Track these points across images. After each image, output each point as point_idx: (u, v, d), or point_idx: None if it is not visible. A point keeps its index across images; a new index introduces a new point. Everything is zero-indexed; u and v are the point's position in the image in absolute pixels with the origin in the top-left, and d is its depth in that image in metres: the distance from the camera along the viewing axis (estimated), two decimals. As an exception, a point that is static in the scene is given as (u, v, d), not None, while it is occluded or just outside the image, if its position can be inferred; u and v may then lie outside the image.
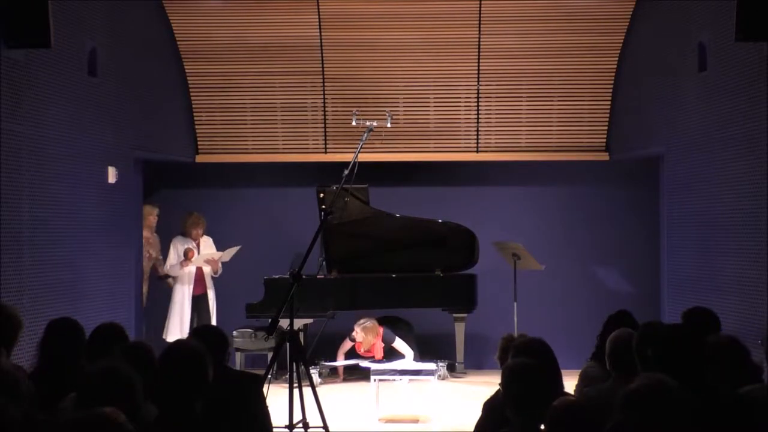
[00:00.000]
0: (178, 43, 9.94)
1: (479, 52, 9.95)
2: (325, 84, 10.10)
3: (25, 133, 7.05)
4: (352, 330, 9.44)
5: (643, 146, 9.66)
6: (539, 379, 3.84)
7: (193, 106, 10.24)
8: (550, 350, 4.40)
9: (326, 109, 10.18)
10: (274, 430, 4.56)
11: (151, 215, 9.57)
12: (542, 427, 3.56)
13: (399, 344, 9.45)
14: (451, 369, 9.67)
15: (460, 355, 9.66)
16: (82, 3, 7.97)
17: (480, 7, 9.71)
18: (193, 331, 4.73)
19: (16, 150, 6.92)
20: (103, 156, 8.46)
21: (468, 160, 10.34)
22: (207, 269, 9.52)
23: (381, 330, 9.40)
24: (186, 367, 3.70)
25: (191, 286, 9.45)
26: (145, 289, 9.42)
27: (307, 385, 6.16)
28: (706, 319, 5.07)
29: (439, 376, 8.79)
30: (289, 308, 6.18)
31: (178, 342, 4.02)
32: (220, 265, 9.57)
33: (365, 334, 9.33)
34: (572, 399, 3.53)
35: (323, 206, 9.03)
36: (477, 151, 10.32)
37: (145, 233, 9.46)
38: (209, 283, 9.58)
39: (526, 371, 3.85)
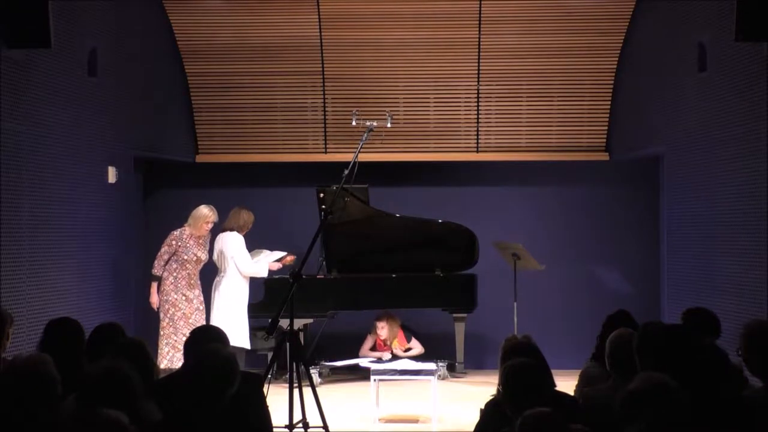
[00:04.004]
0: (178, 43, 9.94)
1: (479, 52, 9.95)
2: (325, 84, 10.10)
3: (25, 133, 7.06)
4: (371, 329, 9.71)
5: (643, 146, 9.66)
6: (538, 378, 3.86)
7: (193, 106, 10.24)
8: (538, 350, 4.44)
9: (326, 109, 10.18)
10: (274, 430, 4.56)
11: (209, 222, 8.75)
12: None
13: (412, 341, 9.78)
14: (451, 369, 9.66)
15: (460, 355, 9.66)
16: (82, 3, 7.97)
17: (480, 7, 9.71)
18: (193, 332, 4.72)
19: (16, 150, 6.92)
20: (103, 156, 8.47)
21: (468, 160, 10.34)
22: None
23: (399, 320, 9.73)
24: (220, 376, 3.75)
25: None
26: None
27: (307, 385, 6.17)
28: (705, 319, 5.08)
29: (439, 376, 8.79)
30: (289, 308, 6.20)
31: (214, 347, 4.04)
32: None
33: (390, 326, 9.61)
34: (543, 409, 3.48)
35: (323, 206, 9.02)
36: (477, 151, 10.32)
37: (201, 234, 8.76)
38: None
39: (524, 370, 3.87)
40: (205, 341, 4.45)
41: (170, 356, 8.32)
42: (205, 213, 8.71)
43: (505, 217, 10.36)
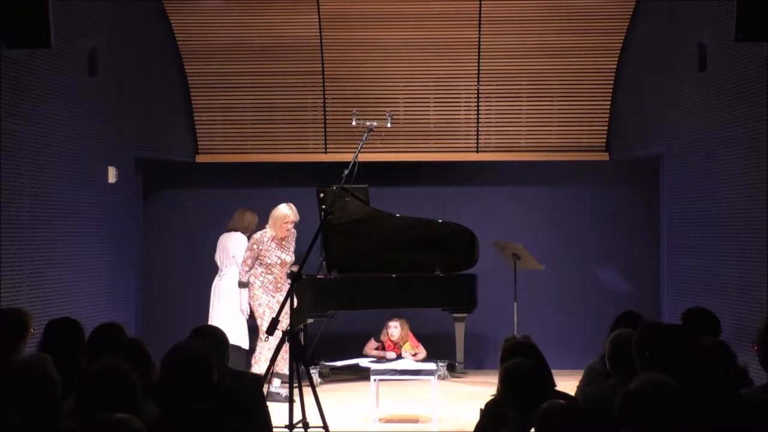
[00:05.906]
0: (178, 43, 9.94)
1: (479, 52, 9.95)
2: (325, 84, 10.09)
3: (25, 133, 7.06)
4: (380, 332, 9.74)
5: (643, 146, 9.65)
6: (536, 378, 3.86)
7: (193, 106, 10.24)
8: (537, 350, 4.44)
9: (326, 109, 10.18)
10: (274, 430, 4.56)
11: (288, 222, 8.35)
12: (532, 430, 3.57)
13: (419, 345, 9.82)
14: (451, 369, 9.67)
15: (460, 355, 9.66)
16: (83, 3, 7.97)
17: (480, 7, 9.71)
18: (193, 331, 4.72)
19: (16, 150, 6.92)
20: (103, 156, 8.47)
21: (468, 160, 10.34)
22: None
23: (408, 324, 9.78)
24: (190, 370, 3.71)
25: None
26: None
27: (307, 385, 6.18)
28: (705, 319, 5.08)
29: (439, 376, 8.79)
30: (289, 308, 6.20)
31: (183, 344, 4.02)
32: None
33: (401, 328, 9.65)
34: (561, 402, 3.53)
35: (323, 206, 9.02)
36: (477, 151, 10.32)
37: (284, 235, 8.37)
38: None
39: (524, 370, 3.87)
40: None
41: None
42: (284, 213, 8.31)
43: (506, 217, 10.36)
